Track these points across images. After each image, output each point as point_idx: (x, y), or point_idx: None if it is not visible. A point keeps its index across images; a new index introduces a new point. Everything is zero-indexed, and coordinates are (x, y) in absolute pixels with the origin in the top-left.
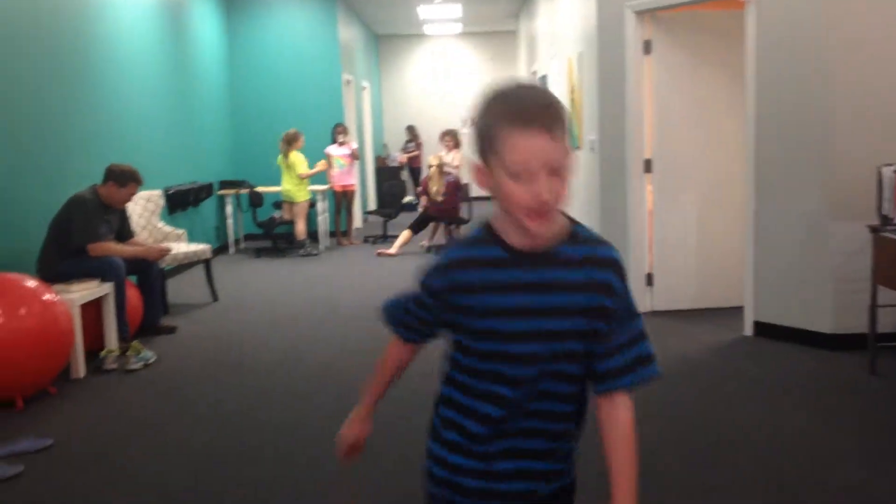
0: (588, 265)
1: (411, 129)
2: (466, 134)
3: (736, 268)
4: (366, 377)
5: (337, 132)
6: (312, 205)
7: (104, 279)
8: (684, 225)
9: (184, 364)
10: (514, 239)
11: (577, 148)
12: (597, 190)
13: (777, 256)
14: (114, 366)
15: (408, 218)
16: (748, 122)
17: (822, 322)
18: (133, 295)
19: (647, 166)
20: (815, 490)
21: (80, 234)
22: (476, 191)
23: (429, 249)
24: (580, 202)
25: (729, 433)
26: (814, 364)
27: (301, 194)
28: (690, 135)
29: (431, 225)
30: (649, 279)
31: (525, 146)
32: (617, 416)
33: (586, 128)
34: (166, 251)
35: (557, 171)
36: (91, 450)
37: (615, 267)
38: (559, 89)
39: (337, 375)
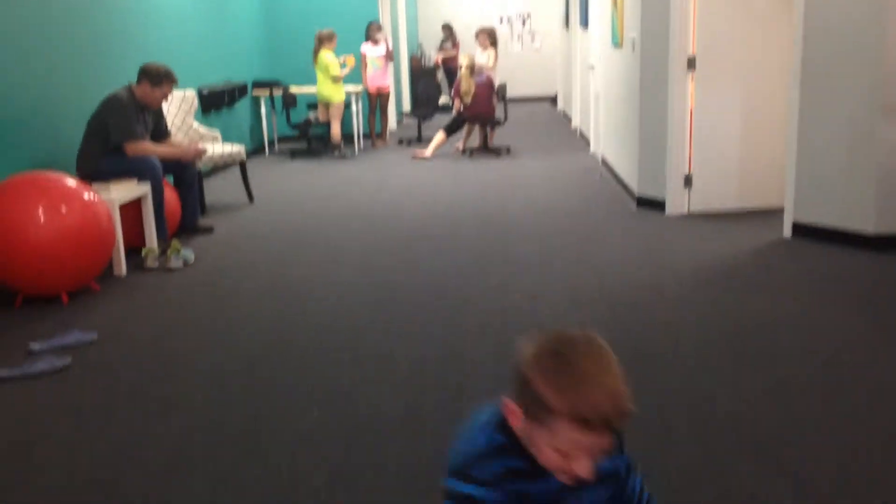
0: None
1: (448, 28)
2: (503, 31)
3: (777, 168)
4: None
5: (371, 30)
6: (347, 105)
7: (141, 178)
8: (726, 124)
9: (223, 263)
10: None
11: (618, 46)
12: (636, 89)
13: (820, 155)
14: (154, 264)
15: (443, 120)
16: (797, 17)
17: (865, 222)
18: (171, 196)
19: (691, 64)
20: (853, 388)
21: (116, 132)
22: (511, 91)
23: (464, 152)
24: (618, 101)
25: (764, 335)
26: (854, 266)
27: (337, 95)
28: (736, 31)
29: (466, 127)
30: (688, 180)
31: (581, 443)
32: None
33: (628, 25)
34: (202, 152)
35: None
36: (136, 344)
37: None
38: None
39: (372, 273)
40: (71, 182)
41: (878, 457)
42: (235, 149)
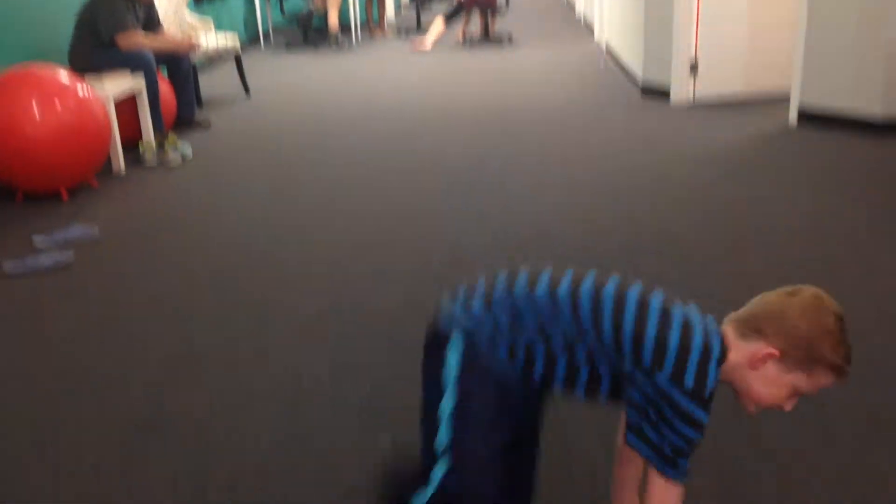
0: None
1: None
2: None
3: (784, 53)
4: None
5: None
6: None
7: (135, 71)
8: (734, 7)
9: (222, 158)
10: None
11: None
12: None
13: (829, 35)
14: (152, 160)
15: (442, 6)
16: None
17: (873, 106)
18: (166, 89)
19: None
20: (857, 276)
21: (107, 25)
22: None
23: (464, 41)
24: None
25: (767, 223)
26: (860, 153)
27: None
28: None
29: (463, 14)
30: (693, 67)
31: (822, 388)
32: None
33: None
34: (196, 46)
35: None
36: (137, 240)
37: None
38: None
39: (372, 165)
40: (64, 76)
41: (863, 331)
42: (230, 42)
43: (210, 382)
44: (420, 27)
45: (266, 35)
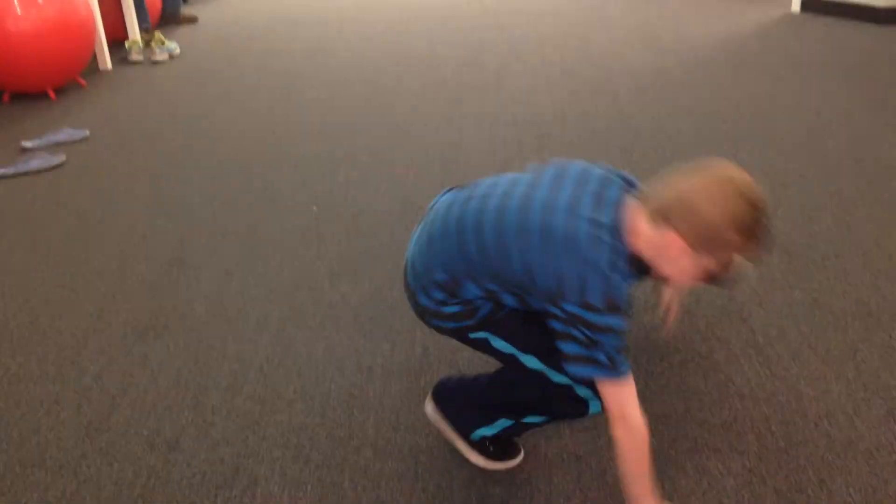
0: None
1: None
2: None
3: None
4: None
5: None
6: None
7: None
8: None
9: (210, 54)
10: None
11: None
12: None
13: None
14: (139, 57)
15: None
16: None
17: None
18: None
19: None
20: (853, 166)
21: None
22: None
23: None
24: None
25: (768, 113)
26: (862, 40)
27: None
28: None
29: None
30: None
31: (729, 265)
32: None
33: None
34: None
35: None
36: (128, 140)
37: None
38: None
39: (364, 68)
40: None
41: (849, 195)
42: None
43: (208, 284)
44: None
45: None
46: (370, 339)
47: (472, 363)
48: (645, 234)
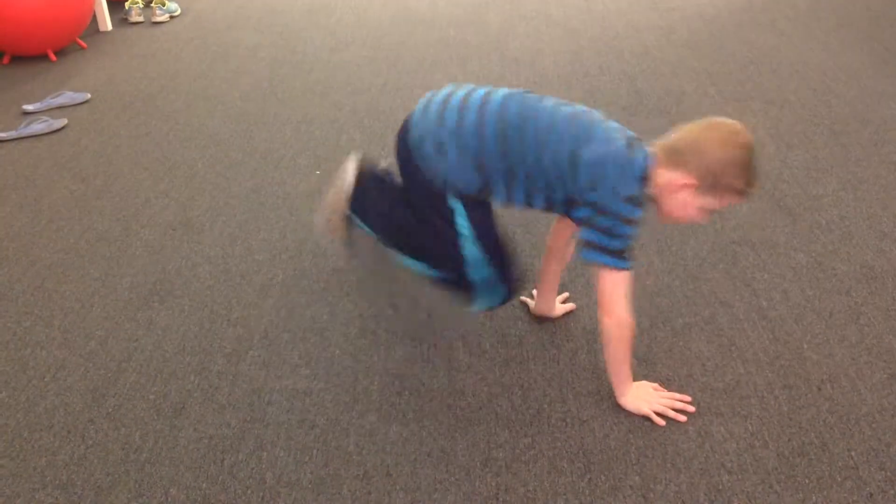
0: None
1: None
2: None
3: None
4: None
5: None
6: None
7: None
8: None
9: (211, 15)
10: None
11: None
12: None
13: None
14: (139, 18)
15: None
16: None
17: None
18: None
19: None
20: (859, 127)
21: None
22: None
23: None
24: None
25: (773, 72)
26: (868, 2)
27: None
28: None
29: None
30: None
31: (728, 206)
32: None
33: None
34: None
35: None
36: (130, 103)
37: None
38: None
39: (368, 26)
40: None
41: (849, 144)
42: None
43: (212, 249)
44: None
45: None
46: (374, 304)
47: (475, 327)
48: (660, 170)
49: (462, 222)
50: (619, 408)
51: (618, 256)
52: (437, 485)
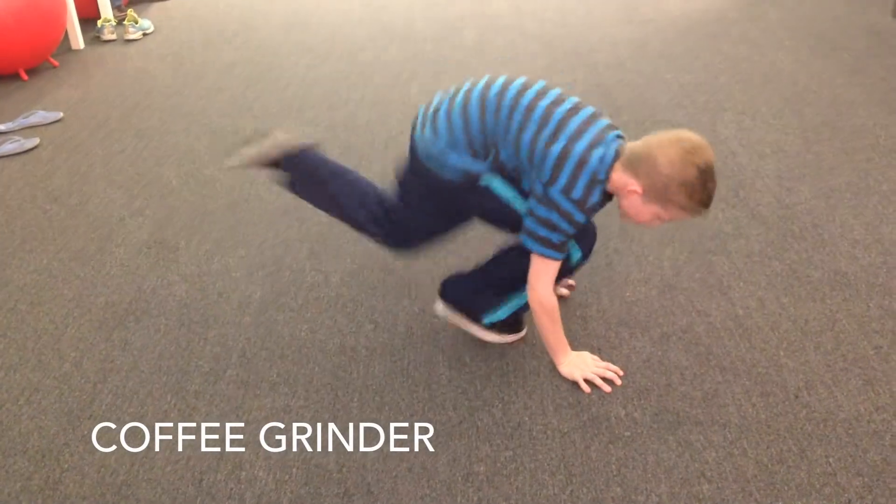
0: None
1: None
2: None
3: None
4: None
5: None
6: None
7: None
8: None
9: (185, 31)
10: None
11: None
12: None
13: None
14: (112, 36)
15: None
16: None
17: None
18: None
19: None
20: (830, 134)
21: None
22: None
23: None
24: None
25: (746, 82)
26: (838, 8)
27: None
28: None
29: None
30: None
31: (676, 219)
32: None
33: None
34: None
35: None
36: (102, 121)
37: None
38: None
39: (344, 42)
40: None
41: (823, 153)
42: None
43: (188, 267)
44: None
45: None
46: (353, 320)
47: (455, 341)
48: (620, 172)
49: (501, 190)
50: (600, 419)
51: (554, 248)
52: (418, 501)
